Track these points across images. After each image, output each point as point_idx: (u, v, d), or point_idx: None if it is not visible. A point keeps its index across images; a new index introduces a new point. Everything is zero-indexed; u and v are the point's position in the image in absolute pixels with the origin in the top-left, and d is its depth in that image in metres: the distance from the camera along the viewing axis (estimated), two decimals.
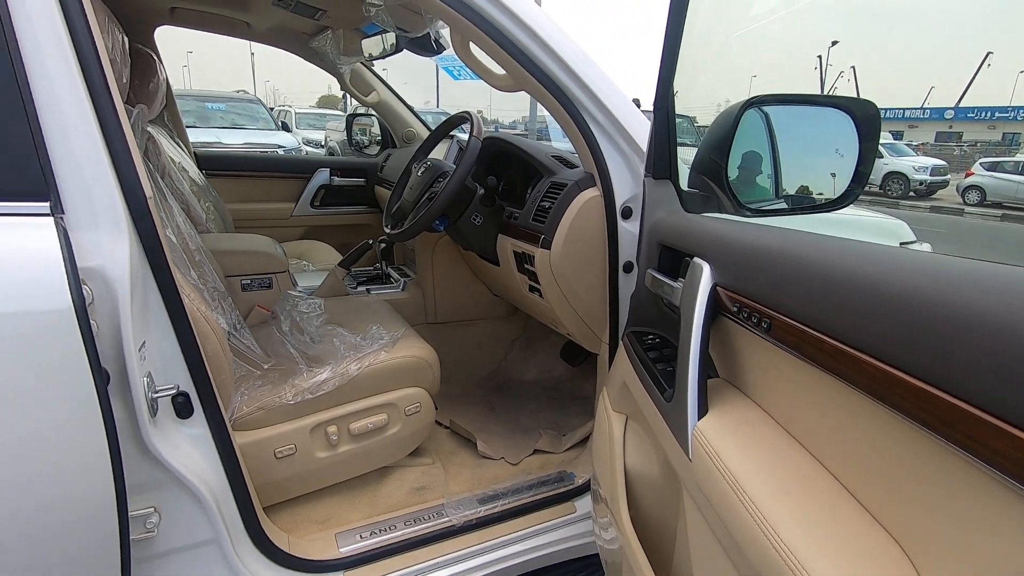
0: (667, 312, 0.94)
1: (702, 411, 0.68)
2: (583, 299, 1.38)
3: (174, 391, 0.92)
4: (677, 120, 1.09)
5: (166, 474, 0.92)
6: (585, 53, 1.23)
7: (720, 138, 1.05)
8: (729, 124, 1.03)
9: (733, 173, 1.08)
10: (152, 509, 0.94)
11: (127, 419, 0.87)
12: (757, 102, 1.04)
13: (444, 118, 1.71)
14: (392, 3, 1.40)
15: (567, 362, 1.99)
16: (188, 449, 0.98)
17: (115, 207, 0.83)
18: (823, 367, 0.52)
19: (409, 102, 2.59)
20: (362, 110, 3.05)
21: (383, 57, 1.90)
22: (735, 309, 0.68)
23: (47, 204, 0.77)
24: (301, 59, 2.41)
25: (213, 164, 2.43)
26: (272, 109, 11.52)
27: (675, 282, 0.84)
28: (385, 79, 2.54)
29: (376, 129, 2.87)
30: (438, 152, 1.92)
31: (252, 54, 36.40)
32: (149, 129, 1.79)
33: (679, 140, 1.08)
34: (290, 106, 14.71)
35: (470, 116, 1.46)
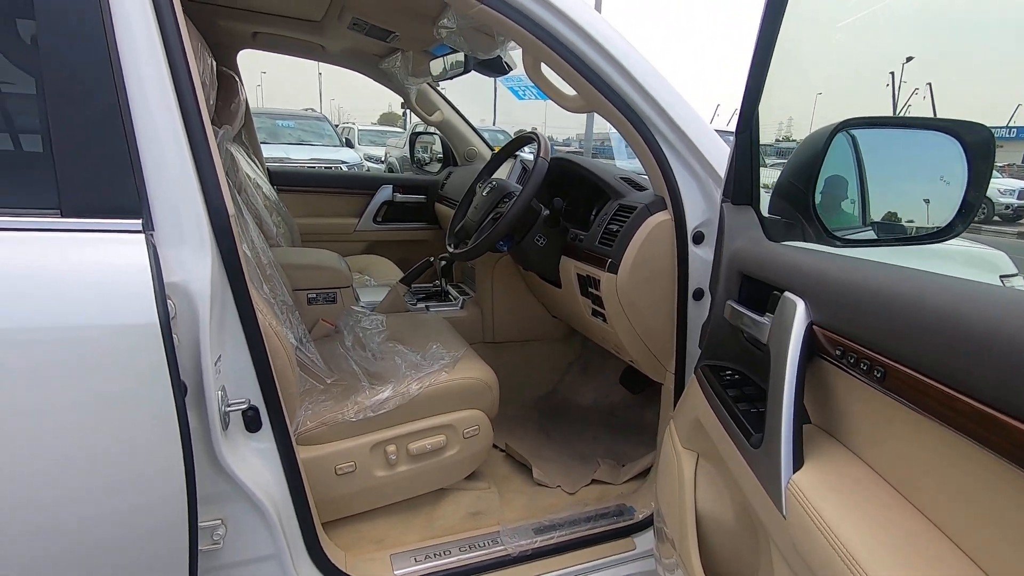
0: (749, 347, 0.88)
1: (797, 462, 0.62)
2: (649, 326, 1.33)
3: (245, 405, 0.94)
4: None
5: (234, 487, 0.93)
6: (656, 70, 1.20)
7: (806, 163, 0.99)
8: (817, 149, 0.97)
9: (819, 200, 1.02)
10: (219, 521, 0.95)
11: (200, 431, 0.88)
12: (849, 126, 0.97)
13: (501, 136, 1.71)
14: (465, 26, 1.41)
15: (627, 389, 1.93)
16: (255, 463, 0.99)
17: (200, 225, 0.86)
18: (955, 427, 0.46)
19: (466, 117, 2.63)
20: (423, 128, 3.12)
21: (451, 78, 1.93)
22: (837, 353, 0.62)
23: (139, 222, 0.80)
24: (364, 80, 2.48)
25: (283, 180, 2.53)
26: (337, 126, 12.01)
27: (761, 317, 0.78)
28: (446, 95, 2.58)
29: (437, 147, 2.92)
30: (502, 171, 1.92)
31: (320, 74, 38.27)
32: (229, 147, 1.88)
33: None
34: (353, 123, 15.29)
35: (536, 136, 1.45)
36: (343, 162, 7.80)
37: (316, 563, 1.08)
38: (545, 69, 1.26)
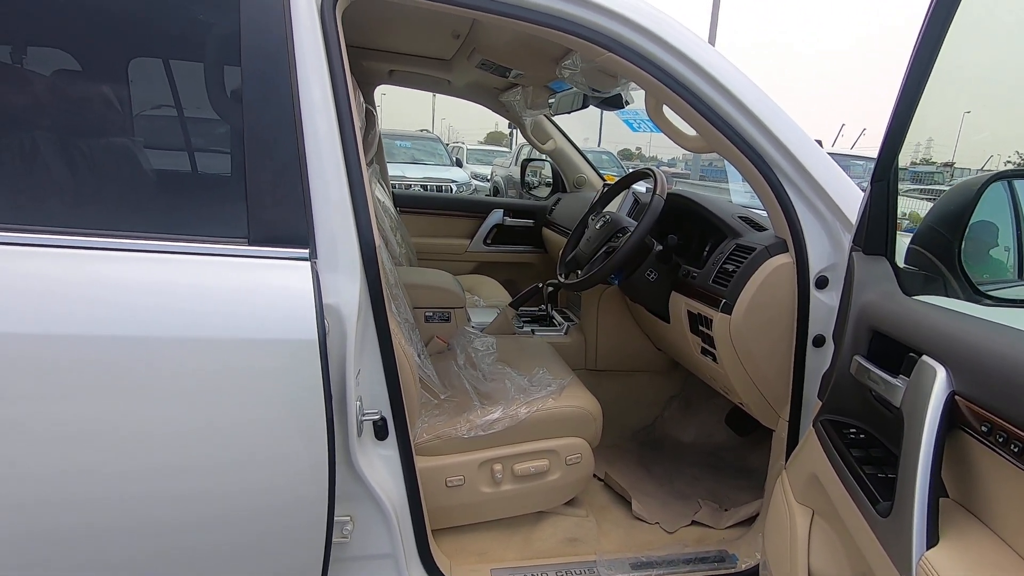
0: (876, 407, 0.84)
1: (932, 539, 0.60)
2: (763, 370, 1.29)
3: (377, 416, 1.05)
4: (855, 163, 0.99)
5: (363, 488, 1.04)
6: (778, 106, 1.18)
7: (955, 212, 0.93)
8: (969, 198, 0.91)
9: (967, 253, 0.95)
10: (349, 518, 1.06)
11: (340, 436, 1.00)
12: (1007, 176, 0.91)
13: (605, 156, 1.75)
14: (588, 67, 1.47)
15: (733, 430, 1.87)
16: (380, 468, 1.09)
17: (352, 254, 0.98)
18: None
19: (575, 142, 2.69)
20: (533, 154, 3.23)
21: (569, 112, 2.01)
22: (984, 429, 0.59)
23: (307, 251, 0.94)
24: (471, 103, 2.61)
25: (404, 202, 2.74)
26: (447, 145, 12.64)
27: (893, 377, 0.75)
28: (558, 124, 2.67)
29: (547, 171, 3.02)
30: (614, 202, 1.96)
31: (433, 96, 40.46)
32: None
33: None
34: (462, 143, 16.03)
35: (653, 173, 1.47)
36: (453, 181, 8.20)
37: (425, 566, 1.16)
38: (666, 110, 1.29)
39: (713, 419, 1.94)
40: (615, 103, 1.82)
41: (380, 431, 1.08)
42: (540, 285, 1.93)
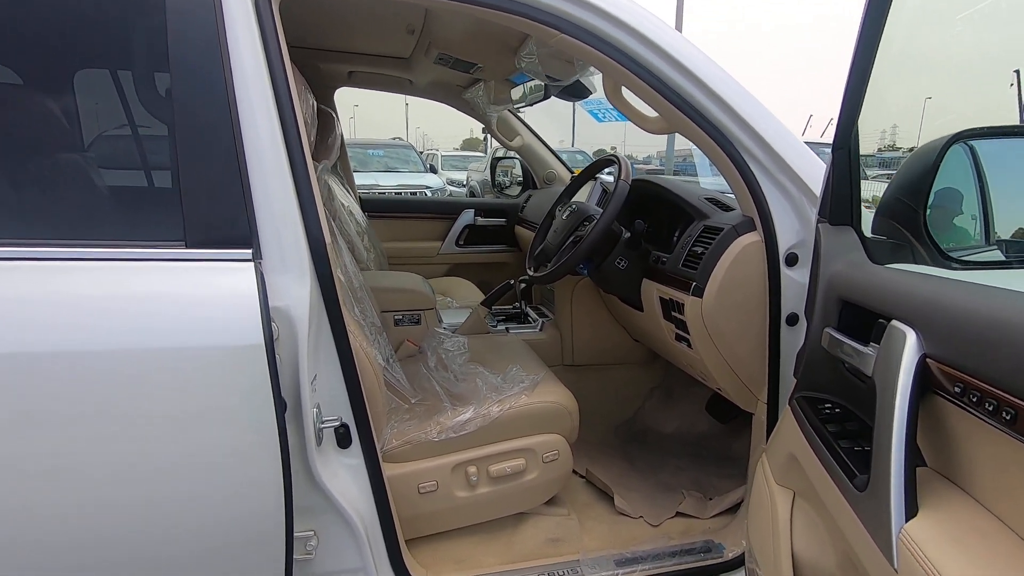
0: (850, 379, 0.82)
1: (911, 510, 0.57)
2: (738, 353, 1.27)
3: (337, 423, 0.99)
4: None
5: (326, 500, 0.99)
6: (740, 85, 1.16)
7: (917, 179, 0.92)
8: (929, 163, 0.89)
9: (933, 220, 0.94)
10: (312, 532, 1.00)
11: (297, 446, 0.94)
12: (965, 137, 0.89)
13: (580, 156, 1.72)
14: (544, 53, 1.44)
15: (714, 418, 1.84)
16: (345, 478, 1.04)
17: (301, 253, 0.93)
18: None
19: (545, 140, 2.66)
20: (503, 153, 3.20)
21: (531, 104, 1.98)
22: (956, 390, 0.56)
23: (250, 251, 0.88)
24: (448, 108, 2.59)
25: (373, 207, 2.68)
26: (421, 152, 12.59)
27: (863, 346, 0.72)
28: (525, 120, 2.64)
29: (517, 170, 2.98)
30: (581, 194, 1.92)
31: (407, 104, 40.36)
32: (324, 177, 2.03)
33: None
34: (437, 150, 15.97)
35: (617, 159, 1.44)
36: (427, 187, 8.14)
37: None
38: (626, 92, 1.26)
39: (694, 408, 1.91)
40: (578, 93, 1.80)
41: (343, 439, 1.03)
42: (512, 282, 1.89)
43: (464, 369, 1.50)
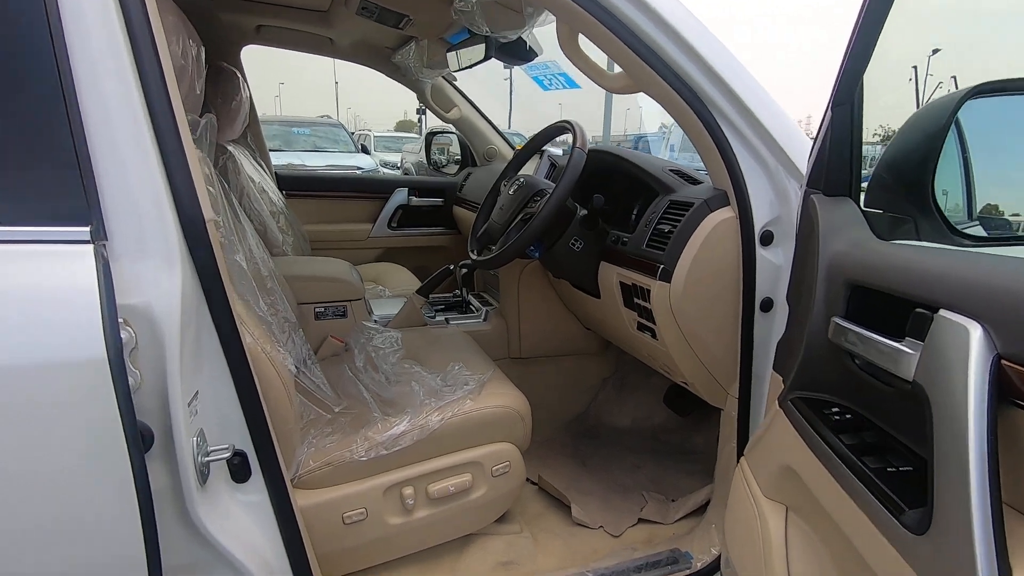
0: (864, 378, 0.68)
1: (1003, 569, 0.42)
2: (708, 343, 1.13)
3: (229, 452, 0.76)
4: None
5: (213, 553, 0.76)
6: (716, 38, 1.01)
7: (923, 141, 0.78)
8: (939, 123, 0.76)
9: (940, 189, 0.82)
10: None
11: (171, 488, 0.71)
12: (984, 91, 0.77)
13: (517, 139, 1.54)
14: (486, 0, 1.23)
15: (672, 410, 1.72)
16: (242, 521, 0.81)
17: (168, 234, 0.69)
18: None
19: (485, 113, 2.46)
20: (441, 128, 2.95)
21: (469, 67, 1.76)
22: None
23: (87, 229, 0.63)
24: (381, 88, 2.33)
25: (292, 184, 2.38)
26: (352, 133, 11.99)
27: (897, 342, 0.58)
28: (464, 91, 2.41)
29: (455, 148, 2.75)
30: (527, 170, 1.74)
31: (336, 83, 38.63)
32: (230, 148, 1.73)
33: None
34: (369, 130, 15.32)
35: (571, 125, 1.26)
36: (358, 168, 7.70)
37: None
38: (583, 41, 1.08)
39: (651, 399, 1.79)
40: (522, 54, 1.60)
41: (238, 471, 0.80)
42: (451, 267, 1.69)
43: (398, 369, 1.29)
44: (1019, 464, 0.47)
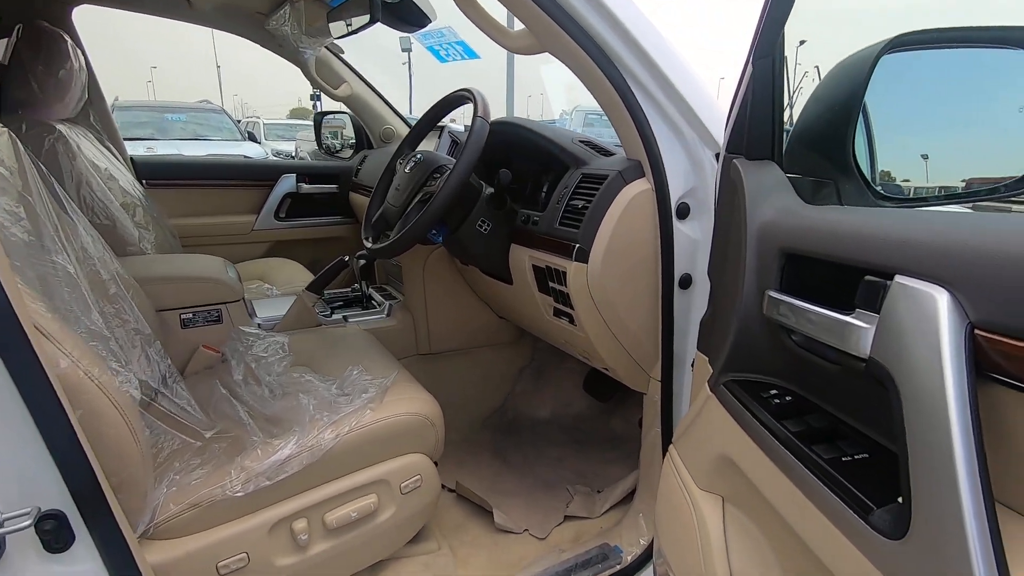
0: (804, 357, 0.62)
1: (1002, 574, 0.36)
2: (629, 326, 1.06)
3: (31, 519, 0.57)
4: None
5: None
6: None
7: (842, 98, 0.74)
8: (857, 80, 0.72)
9: (862, 148, 0.78)
10: None
11: None
12: (905, 44, 0.73)
13: None
14: None
15: (593, 396, 1.66)
16: None
17: None
18: None
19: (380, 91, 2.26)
20: (334, 108, 2.70)
21: (354, 33, 1.57)
22: None
23: None
24: (271, 73, 2.07)
25: (154, 172, 2.05)
26: (239, 122, 11.04)
27: (845, 315, 0.51)
28: (354, 67, 2.20)
29: (349, 131, 2.52)
30: (427, 146, 1.59)
31: (218, 67, 35.59)
32: (61, 128, 1.43)
33: None
34: (258, 117, 14.23)
35: (471, 94, 1.13)
36: (245, 157, 7.08)
37: None
38: None
39: (569, 386, 1.72)
40: (410, 18, 1.44)
41: (53, 538, 0.61)
42: (346, 258, 1.51)
43: (285, 380, 1.10)
44: (1004, 450, 0.41)
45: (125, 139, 2.04)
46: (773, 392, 0.66)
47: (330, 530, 0.94)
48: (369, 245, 1.23)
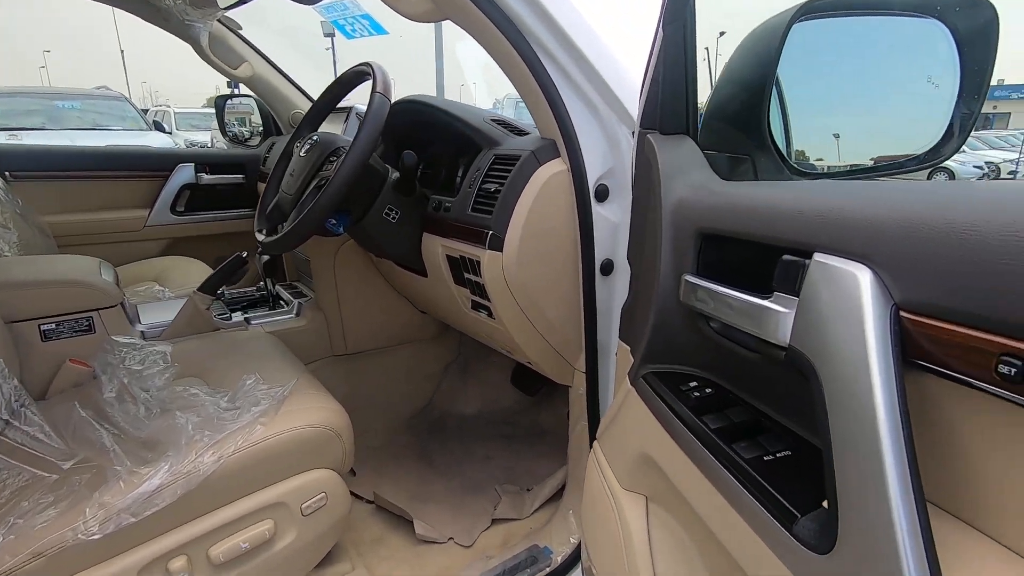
0: (724, 344, 0.57)
1: None
2: (550, 317, 0.99)
3: None
4: None
5: None
6: None
7: (755, 69, 0.69)
8: (770, 49, 0.67)
9: (776, 121, 0.74)
10: None
11: None
12: (813, 11, 0.69)
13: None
14: None
15: (521, 390, 1.60)
16: None
17: None
18: None
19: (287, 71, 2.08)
20: (242, 91, 2.48)
21: (244, 2, 1.41)
22: (960, 358, 0.31)
23: None
24: (182, 59, 1.84)
25: (21, 163, 1.80)
26: (147, 111, 10.21)
27: (762, 299, 0.46)
28: (255, 46, 2.01)
29: (257, 117, 2.33)
30: (330, 128, 1.46)
31: (122, 51, 32.87)
32: None
33: None
34: (168, 106, 13.24)
35: (371, 68, 1.02)
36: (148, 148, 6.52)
37: None
38: None
39: (497, 380, 1.65)
40: None
41: None
42: (244, 254, 1.36)
43: (166, 395, 0.97)
44: (935, 446, 0.37)
45: (6, 129, 1.77)
46: (693, 385, 0.61)
47: (217, 565, 0.82)
48: (261, 238, 1.10)
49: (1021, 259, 0.29)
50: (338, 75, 1.16)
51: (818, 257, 0.41)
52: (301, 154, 1.08)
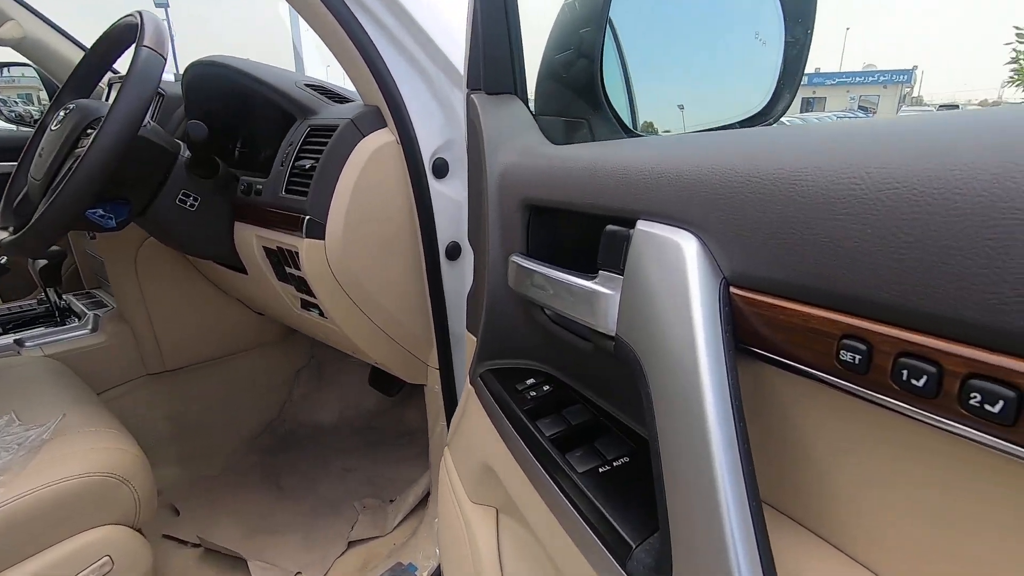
0: (558, 334, 0.49)
1: None
2: (390, 311, 0.88)
3: None
4: None
5: None
6: None
7: (584, 21, 0.62)
8: (595, 5, 0.61)
9: (618, 85, 0.69)
10: None
11: None
12: None
13: None
14: None
15: (380, 391, 1.47)
16: None
17: None
18: None
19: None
20: (17, 60, 2.02)
21: None
22: (820, 348, 0.25)
23: None
24: None
25: None
26: None
27: (586, 280, 0.38)
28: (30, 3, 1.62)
29: (45, 94, 1.90)
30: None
31: None
32: None
33: None
34: None
35: (140, 17, 0.81)
36: None
37: None
38: None
39: (355, 382, 1.50)
40: None
41: None
42: (3, 260, 1.07)
43: None
44: (775, 446, 0.31)
45: None
46: (530, 383, 0.53)
47: None
48: (6, 235, 0.85)
49: (858, 212, 0.22)
50: (106, 30, 0.92)
51: (641, 225, 0.34)
52: (53, 127, 0.84)
